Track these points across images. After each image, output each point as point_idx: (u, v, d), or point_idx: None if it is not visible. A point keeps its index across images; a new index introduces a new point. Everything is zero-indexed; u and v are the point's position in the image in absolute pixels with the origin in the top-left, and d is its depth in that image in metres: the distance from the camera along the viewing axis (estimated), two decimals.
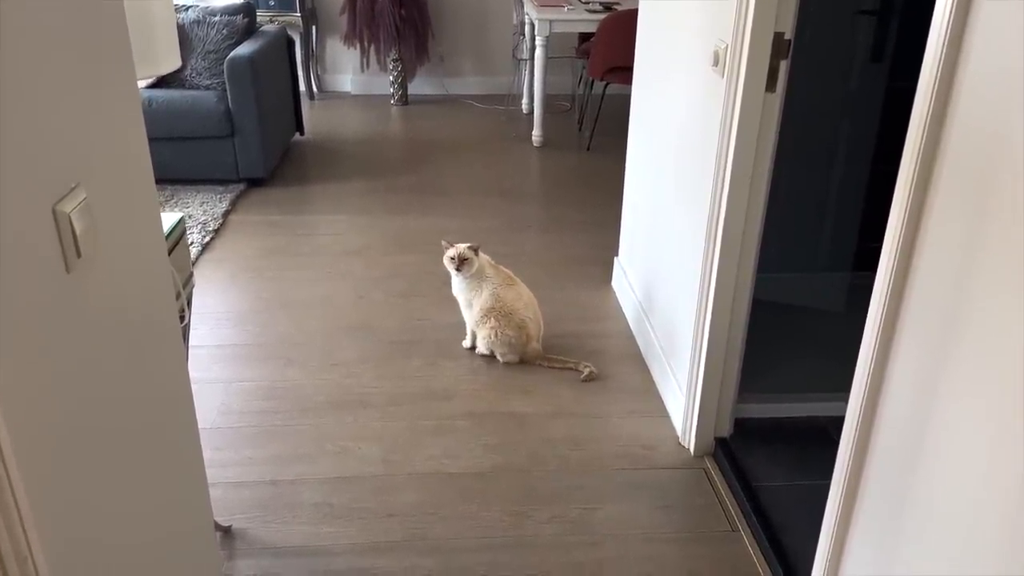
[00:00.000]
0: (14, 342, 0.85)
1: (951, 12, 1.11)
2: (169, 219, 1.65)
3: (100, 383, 1.07)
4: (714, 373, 2.22)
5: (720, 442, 2.30)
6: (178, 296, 1.52)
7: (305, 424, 2.41)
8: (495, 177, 4.57)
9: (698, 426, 2.27)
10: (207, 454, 2.26)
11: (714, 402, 2.25)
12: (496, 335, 2.66)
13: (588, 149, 4.98)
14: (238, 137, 4.21)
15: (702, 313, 2.19)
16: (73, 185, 1.00)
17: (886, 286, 1.30)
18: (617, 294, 3.22)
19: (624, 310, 3.08)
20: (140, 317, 1.20)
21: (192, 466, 1.47)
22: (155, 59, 1.38)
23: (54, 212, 0.95)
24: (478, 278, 2.72)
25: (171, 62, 1.44)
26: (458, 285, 2.78)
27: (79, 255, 0.99)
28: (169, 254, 1.60)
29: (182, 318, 1.57)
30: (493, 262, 2.79)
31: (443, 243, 2.76)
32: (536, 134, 5.02)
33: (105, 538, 1.08)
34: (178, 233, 1.67)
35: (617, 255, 3.29)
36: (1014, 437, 1.01)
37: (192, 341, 2.82)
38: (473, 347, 2.78)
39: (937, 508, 1.19)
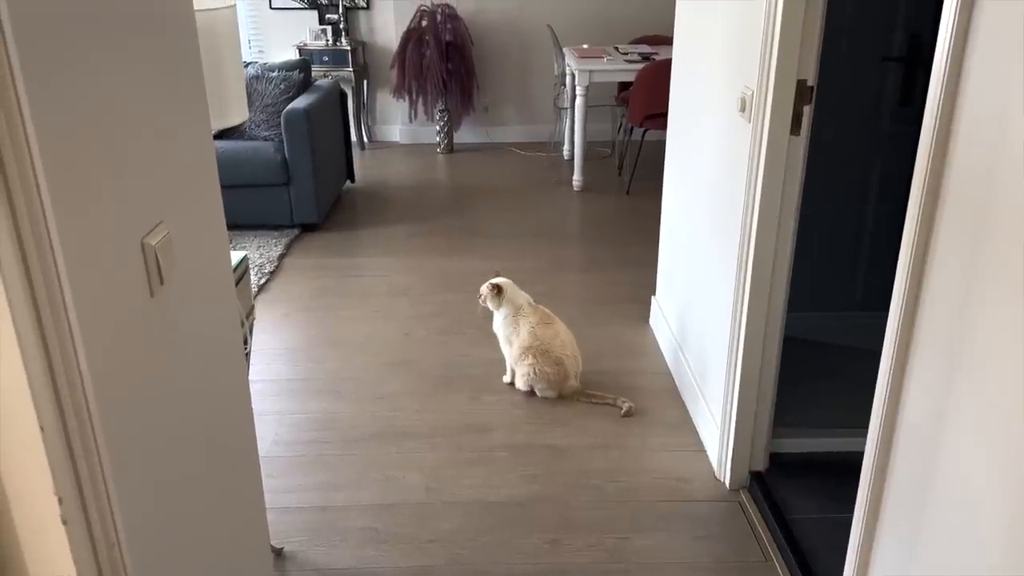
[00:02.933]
0: (108, 354, 0.99)
1: (947, 59, 1.20)
2: (235, 256, 1.80)
3: (176, 397, 1.20)
4: (747, 408, 2.28)
5: (755, 475, 2.34)
6: (242, 325, 1.66)
7: (352, 454, 2.52)
8: (536, 220, 4.71)
9: (733, 460, 2.32)
10: (262, 480, 2.40)
11: (748, 436, 2.31)
12: (534, 372, 2.75)
13: (628, 193, 5.10)
14: (293, 185, 4.43)
15: (734, 350, 2.26)
16: (158, 221, 1.14)
17: (897, 320, 1.37)
18: (655, 331, 3.29)
19: (661, 347, 3.15)
20: (210, 341, 1.34)
21: (252, 485, 1.59)
22: (227, 112, 1.54)
23: (142, 245, 1.09)
24: (516, 316, 2.83)
25: (240, 114, 1.61)
26: (498, 322, 2.89)
27: (162, 282, 1.13)
28: (235, 287, 1.76)
29: (244, 346, 1.70)
30: (532, 301, 2.90)
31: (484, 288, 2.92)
32: (576, 179, 5.17)
33: (174, 542, 1.20)
34: (242, 269, 1.83)
35: (655, 294, 3.37)
36: (1022, 460, 1.08)
37: (250, 375, 2.98)
38: (513, 383, 2.88)
39: (951, 530, 1.24)
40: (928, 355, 1.31)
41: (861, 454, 2.50)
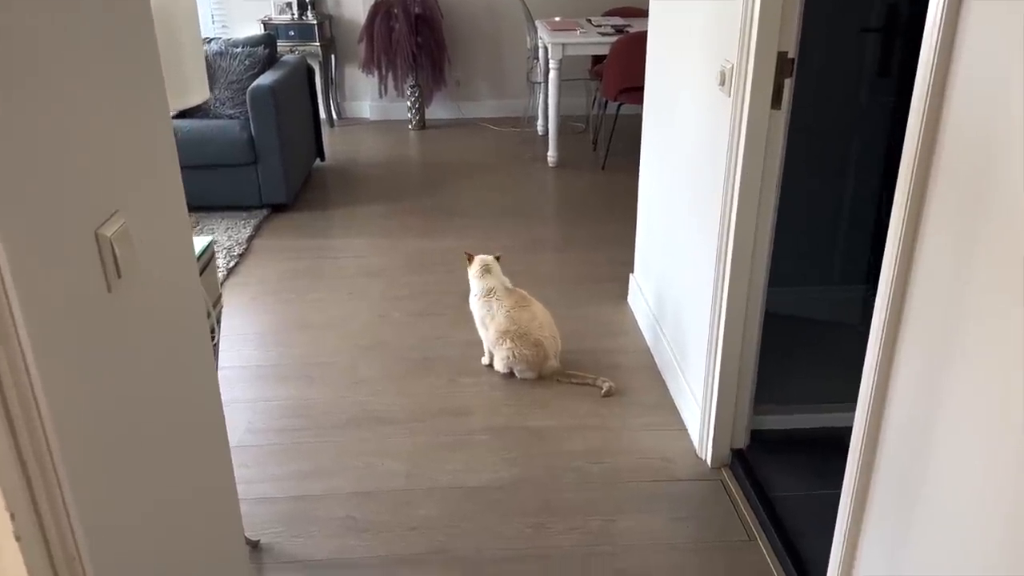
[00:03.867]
0: (61, 356, 0.92)
1: (940, 28, 1.16)
2: (199, 243, 1.73)
3: (138, 397, 1.13)
4: (728, 385, 2.26)
5: (737, 453, 2.33)
6: (208, 315, 1.59)
7: (328, 441, 2.46)
8: (511, 198, 4.64)
9: (714, 438, 2.30)
10: (235, 471, 2.34)
11: (730, 414, 2.29)
12: (513, 355, 2.71)
13: (603, 168, 5.04)
14: (261, 164, 4.32)
15: (715, 327, 2.23)
16: (113, 210, 1.07)
17: (887, 297, 1.34)
18: (633, 310, 3.26)
19: (640, 325, 3.12)
20: (174, 334, 1.27)
21: (224, 479, 1.53)
22: (186, 91, 1.46)
23: (96, 236, 1.02)
24: (490, 298, 2.78)
25: (201, 93, 1.52)
26: (472, 301, 2.84)
27: (119, 275, 1.06)
28: (200, 275, 1.68)
29: (212, 336, 1.63)
30: (509, 284, 2.85)
31: (465, 255, 2.88)
32: (551, 155, 5.10)
33: (142, 547, 1.14)
34: (208, 256, 1.75)
35: (632, 272, 3.33)
36: (1015, 439, 1.05)
37: (220, 362, 2.90)
38: (491, 365, 2.84)
39: (943, 510, 1.22)
40: (919, 336, 1.28)
41: (842, 429, 2.49)
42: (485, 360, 2.86)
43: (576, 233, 4.11)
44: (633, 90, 4.59)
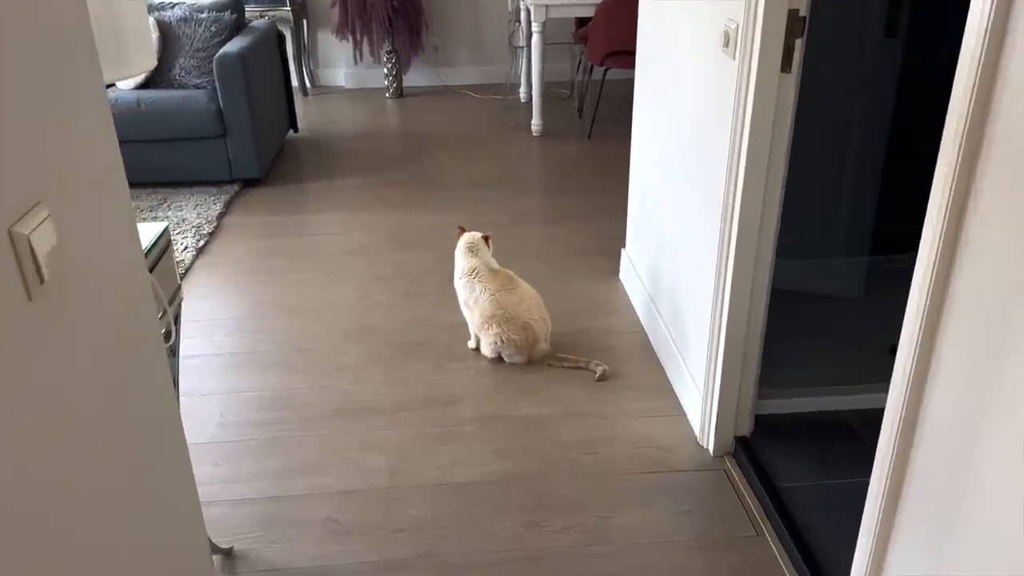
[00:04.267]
0: None
1: None
2: (152, 230, 1.55)
3: (73, 416, 0.97)
4: (733, 369, 2.12)
5: (740, 441, 2.20)
6: (163, 314, 1.43)
7: (308, 435, 2.31)
8: (495, 169, 4.46)
9: (717, 425, 2.18)
10: (206, 470, 2.19)
11: (733, 399, 2.16)
12: (501, 340, 2.56)
13: (589, 137, 4.87)
14: (230, 136, 4.11)
15: (718, 306, 2.09)
16: (33, 203, 0.90)
17: (929, 271, 1.19)
18: (626, 286, 3.12)
19: (634, 303, 2.98)
20: (118, 341, 1.11)
21: (182, 490, 1.38)
22: (126, 59, 1.27)
23: (10, 235, 0.85)
24: (472, 279, 2.63)
25: (145, 61, 1.34)
26: (457, 283, 2.68)
27: (42, 280, 0.89)
28: (153, 268, 1.51)
29: (169, 335, 1.47)
30: (495, 265, 2.69)
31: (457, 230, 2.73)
32: (535, 123, 4.91)
33: (88, 570, 0.99)
34: (163, 244, 1.58)
35: (624, 246, 3.18)
36: None
37: (189, 350, 2.73)
38: (478, 348, 2.69)
39: (995, 507, 1.09)
40: (967, 316, 1.14)
41: (846, 413, 2.38)
42: (471, 344, 2.71)
43: (564, 205, 3.94)
44: (621, 54, 4.40)
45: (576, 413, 2.39)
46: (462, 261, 2.67)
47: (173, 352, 1.68)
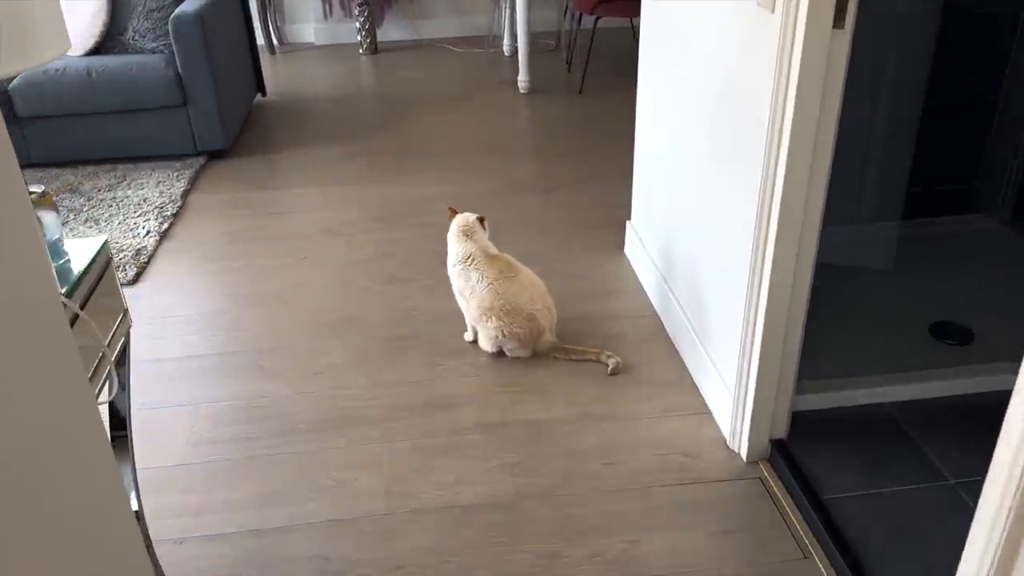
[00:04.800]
0: None
1: None
2: (86, 249, 1.26)
3: None
4: (771, 362, 1.87)
5: (776, 444, 1.97)
6: (104, 353, 1.15)
7: (290, 452, 2.06)
8: (483, 131, 4.15)
9: (751, 427, 1.94)
10: (175, 499, 1.93)
11: (770, 397, 1.91)
12: (502, 334, 2.30)
13: (580, 92, 4.55)
14: (192, 105, 3.76)
15: (754, 292, 1.82)
16: None
17: None
18: (632, 262, 2.85)
19: (643, 282, 2.72)
20: (22, 412, 0.83)
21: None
22: (31, 43, 0.97)
23: None
24: (469, 268, 2.35)
25: (57, 45, 1.03)
26: (451, 270, 2.41)
27: None
28: (88, 298, 1.23)
29: (119, 384, 1.19)
30: (493, 249, 2.41)
31: (448, 211, 2.45)
32: (522, 79, 4.58)
33: None
34: (100, 265, 1.29)
35: (630, 218, 2.91)
36: None
37: (153, 353, 2.45)
38: (475, 341, 2.43)
39: None
40: None
41: (892, 406, 2.15)
42: (468, 336, 2.45)
43: (559, 171, 3.65)
44: (613, 1, 4.07)
45: (590, 415, 2.14)
46: (456, 246, 2.39)
47: (123, 385, 1.41)
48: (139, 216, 3.33)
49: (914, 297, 2.49)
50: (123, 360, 1.37)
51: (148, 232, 3.20)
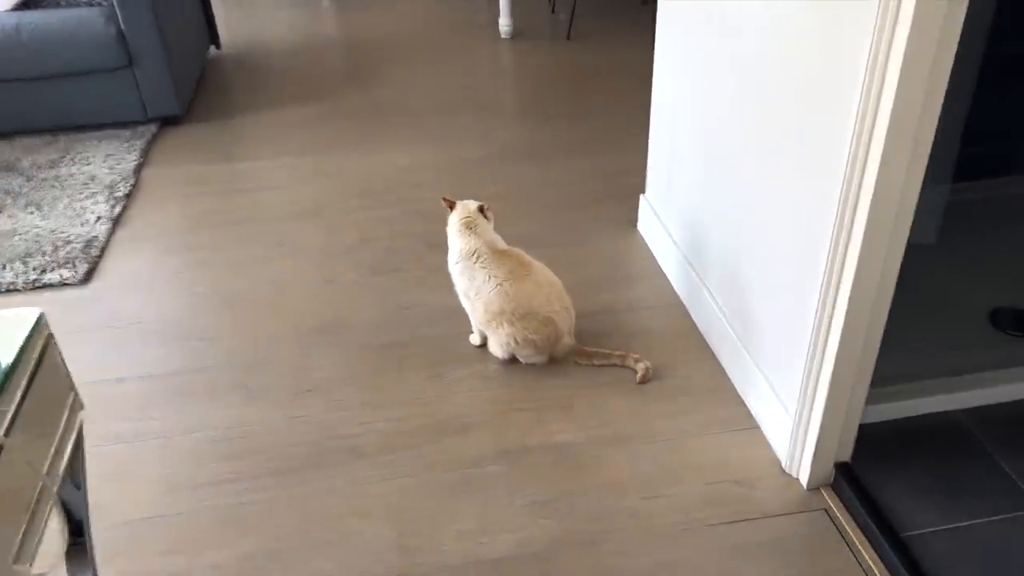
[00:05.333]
0: None
1: None
2: (11, 335, 0.94)
3: None
4: (846, 371, 1.58)
5: (841, 468, 1.74)
6: (45, 489, 0.85)
7: (282, 495, 1.78)
8: (465, 86, 3.78)
9: (817, 448, 1.69)
10: (153, 563, 1.64)
11: (840, 412, 1.66)
12: (515, 341, 2.02)
13: (568, 38, 4.17)
14: (138, 66, 3.33)
15: (831, 292, 1.53)
16: None
17: None
18: (648, 241, 2.57)
19: (663, 265, 2.44)
20: None
21: None
22: None
23: None
24: (474, 266, 2.05)
25: None
26: (452, 268, 2.11)
27: None
28: (22, 401, 0.91)
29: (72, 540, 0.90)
30: (501, 244, 2.10)
31: (442, 202, 2.13)
32: (504, 23, 4.19)
33: None
34: (35, 350, 0.97)
35: (643, 190, 2.61)
36: None
37: (111, 372, 2.14)
38: (483, 345, 2.15)
39: None
40: None
41: (961, 413, 1.90)
42: (475, 340, 2.17)
43: (554, 133, 3.32)
44: None
45: (623, 435, 1.89)
46: (457, 241, 2.08)
47: (78, 485, 1.11)
48: (87, 198, 2.95)
49: (966, 278, 2.26)
50: (77, 454, 1.07)
51: (99, 218, 2.83)
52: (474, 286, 2.06)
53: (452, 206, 2.12)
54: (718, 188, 2.02)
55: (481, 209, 2.11)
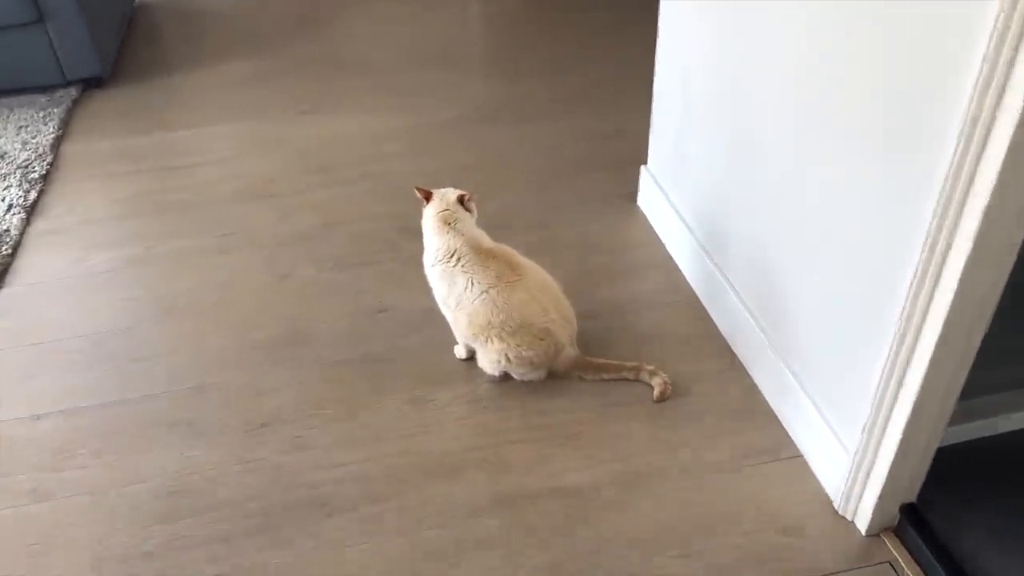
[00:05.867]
0: None
1: None
2: None
3: None
4: (932, 398, 1.30)
5: (907, 510, 1.46)
6: None
7: (238, 568, 1.46)
8: (429, 36, 3.36)
9: (884, 487, 1.40)
10: None
11: (919, 445, 1.37)
12: (507, 358, 1.70)
13: None
14: (51, 20, 2.87)
15: (920, 299, 1.22)
16: None
17: None
18: (652, 222, 2.25)
19: (672, 251, 2.13)
20: None
21: None
22: None
23: None
24: (454, 269, 1.71)
25: None
26: (429, 272, 1.76)
27: None
28: None
29: None
30: (487, 241, 1.76)
31: (416, 192, 1.76)
32: None
33: None
34: None
35: (645, 162, 2.28)
36: None
37: (26, 408, 1.79)
38: (471, 357, 1.83)
39: None
40: None
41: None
42: (460, 353, 1.85)
43: (531, 90, 2.95)
44: None
45: (644, 471, 1.59)
46: (434, 240, 1.74)
47: None
48: None
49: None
50: None
51: (11, 207, 2.43)
52: (454, 294, 1.72)
53: (428, 197, 1.76)
54: (748, 164, 1.70)
55: (461, 200, 1.75)
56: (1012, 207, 1.10)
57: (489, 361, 1.74)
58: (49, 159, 2.64)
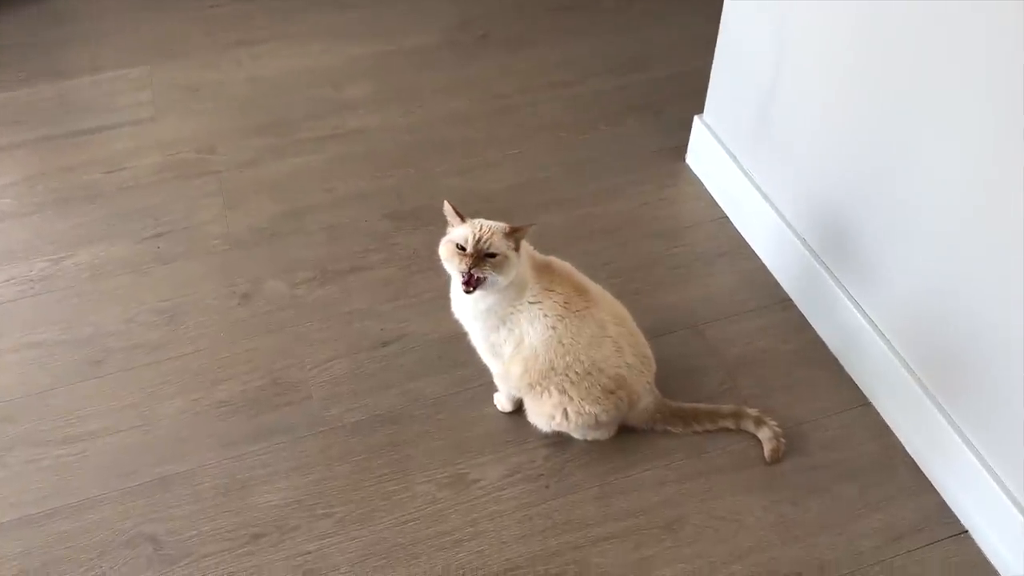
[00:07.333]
0: None
1: None
2: None
3: None
4: None
5: None
6: None
7: None
8: None
9: None
10: None
11: None
12: (566, 415, 1.27)
13: None
14: None
15: None
16: None
17: None
18: (709, 187, 1.78)
19: (746, 233, 1.68)
20: None
21: None
22: None
23: None
24: (515, 306, 1.23)
25: None
26: (474, 309, 1.27)
27: None
28: None
29: None
30: (538, 257, 1.27)
31: (447, 208, 1.23)
32: None
33: None
34: None
35: (701, 111, 1.78)
36: None
37: None
38: (519, 408, 1.39)
39: None
40: None
41: None
42: (503, 404, 1.41)
43: (535, 14, 2.35)
44: None
45: (777, 574, 1.22)
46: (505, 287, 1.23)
47: None
48: None
49: None
50: None
51: None
52: (513, 338, 1.25)
53: (459, 218, 1.24)
54: (883, 134, 1.24)
55: (514, 233, 1.21)
56: None
57: (541, 414, 1.31)
58: None
